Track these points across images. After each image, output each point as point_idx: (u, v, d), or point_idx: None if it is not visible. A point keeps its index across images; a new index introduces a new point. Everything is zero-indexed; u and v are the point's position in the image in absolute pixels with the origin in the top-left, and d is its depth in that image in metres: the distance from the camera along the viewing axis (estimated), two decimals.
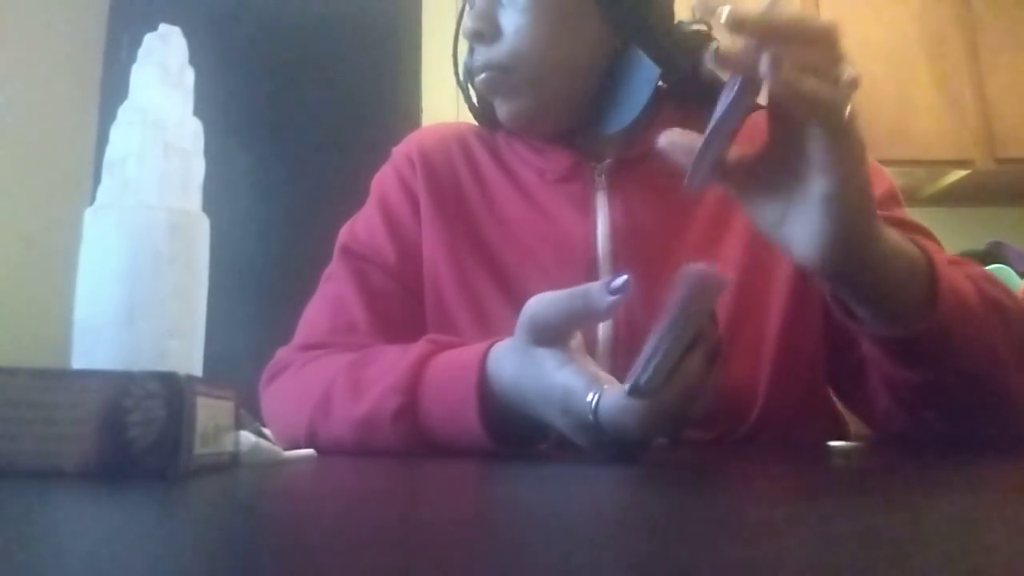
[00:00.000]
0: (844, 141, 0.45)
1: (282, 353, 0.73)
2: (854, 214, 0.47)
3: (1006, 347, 0.54)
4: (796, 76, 0.42)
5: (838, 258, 0.48)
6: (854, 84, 0.44)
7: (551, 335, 0.48)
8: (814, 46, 0.44)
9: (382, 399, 0.56)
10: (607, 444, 0.45)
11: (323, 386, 0.62)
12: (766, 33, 0.42)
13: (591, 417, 0.43)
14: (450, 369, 0.55)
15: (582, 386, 0.45)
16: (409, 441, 0.55)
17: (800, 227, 0.48)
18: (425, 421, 0.55)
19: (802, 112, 0.45)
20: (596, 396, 0.44)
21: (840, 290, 0.53)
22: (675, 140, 0.48)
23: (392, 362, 0.59)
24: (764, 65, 0.41)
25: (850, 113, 0.44)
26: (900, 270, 0.51)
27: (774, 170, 0.48)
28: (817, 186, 0.46)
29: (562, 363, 0.47)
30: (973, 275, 0.57)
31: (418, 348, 0.58)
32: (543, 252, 0.72)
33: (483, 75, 0.72)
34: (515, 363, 0.50)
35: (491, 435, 0.51)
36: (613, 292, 0.45)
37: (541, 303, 0.48)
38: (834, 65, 0.44)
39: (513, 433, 0.52)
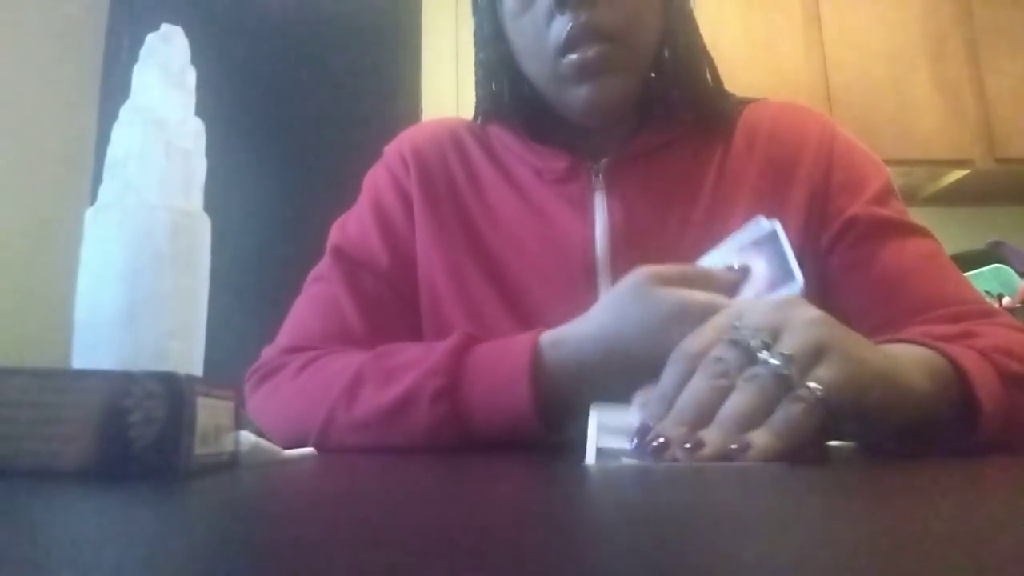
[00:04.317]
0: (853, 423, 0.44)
1: (271, 354, 0.71)
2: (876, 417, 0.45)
3: None
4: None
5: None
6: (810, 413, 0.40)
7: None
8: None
9: (420, 380, 0.56)
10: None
11: (348, 375, 0.60)
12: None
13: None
14: (498, 351, 0.56)
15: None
16: (443, 424, 0.55)
17: None
18: (465, 402, 0.55)
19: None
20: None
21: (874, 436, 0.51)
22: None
23: (423, 352, 0.59)
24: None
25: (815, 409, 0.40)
26: (929, 395, 0.48)
27: None
28: None
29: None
30: (987, 350, 0.52)
31: (455, 337, 0.58)
32: (541, 254, 0.71)
33: (594, 49, 0.65)
34: (604, 309, 0.54)
35: (539, 413, 0.52)
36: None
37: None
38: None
39: (560, 411, 0.54)
